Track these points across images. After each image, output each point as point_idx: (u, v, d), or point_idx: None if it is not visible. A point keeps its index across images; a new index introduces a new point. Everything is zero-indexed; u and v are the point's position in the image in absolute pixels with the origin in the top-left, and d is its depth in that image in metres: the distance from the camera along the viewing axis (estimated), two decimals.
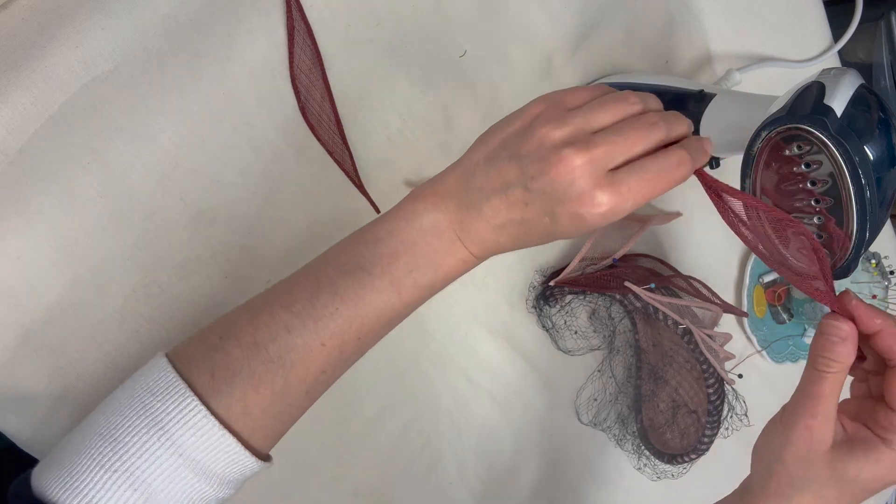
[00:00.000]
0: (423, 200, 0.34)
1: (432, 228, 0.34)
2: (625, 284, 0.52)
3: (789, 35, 0.69)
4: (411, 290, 0.34)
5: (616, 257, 0.56)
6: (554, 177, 0.31)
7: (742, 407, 0.57)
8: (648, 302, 0.52)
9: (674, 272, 0.60)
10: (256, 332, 0.33)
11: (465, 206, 0.33)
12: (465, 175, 0.34)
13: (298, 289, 0.34)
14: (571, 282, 0.54)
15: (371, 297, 0.33)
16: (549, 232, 0.33)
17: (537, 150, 0.32)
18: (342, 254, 0.35)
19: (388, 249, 0.34)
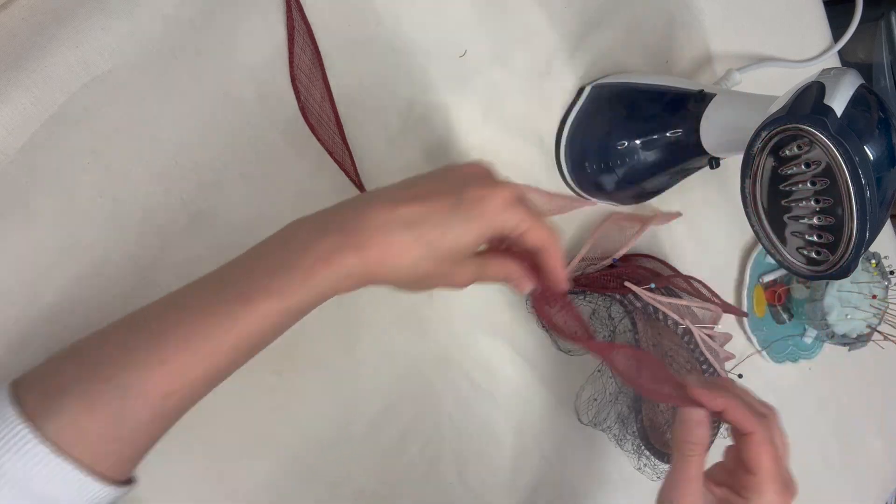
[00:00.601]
0: (308, 217, 0.34)
1: (303, 242, 0.32)
2: (625, 284, 0.52)
3: (789, 35, 0.69)
4: (266, 301, 0.31)
5: (616, 257, 0.56)
6: (463, 172, 0.35)
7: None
8: (648, 302, 0.52)
9: (674, 272, 0.60)
10: (98, 350, 0.31)
11: (354, 207, 0.34)
12: (371, 192, 0.36)
13: (153, 306, 0.32)
14: (573, 281, 0.54)
15: (215, 308, 0.31)
16: (451, 215, 0.33)
17: (462, 178, 0.35)
18: (216, 271, 0.33)
19: (250, 262, 0.32)
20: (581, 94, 0.55)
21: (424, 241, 0.32)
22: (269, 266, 0.32)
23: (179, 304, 0.32)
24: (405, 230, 0.32)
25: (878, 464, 0.87)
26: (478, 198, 0.34)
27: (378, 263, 0.32)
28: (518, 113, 0.53)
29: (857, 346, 0.69)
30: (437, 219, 0.33)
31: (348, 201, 0.35)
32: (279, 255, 0.32)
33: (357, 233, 0.32)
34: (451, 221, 0.33)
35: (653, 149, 0.50)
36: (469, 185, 0.34)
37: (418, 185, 0.35)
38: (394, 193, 0.34)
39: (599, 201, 0.57)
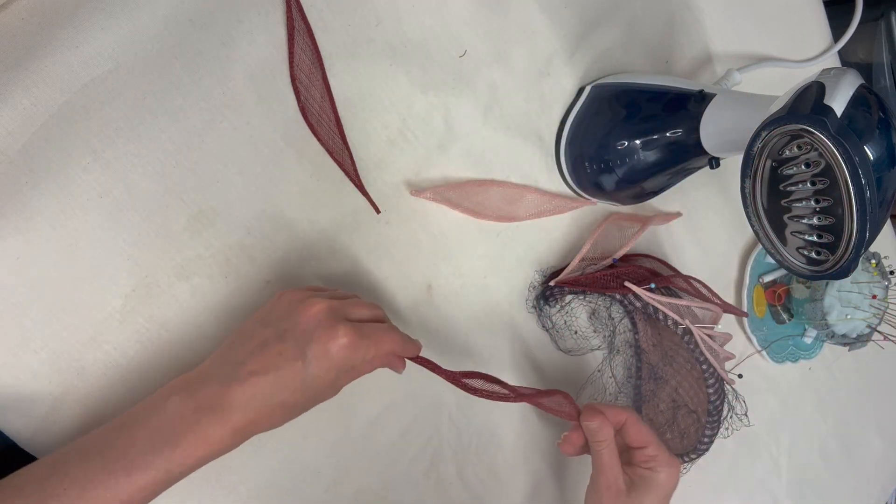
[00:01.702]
0: (172, 388, 0.37)
1: (174, 411, 0.35)
2: (625, 284, 0.52)
3: (789, 35, 0.69)
4: (146, 473, 0.34)
5: (616, 257, 0.56)
6: (303, 321, 0.38)
7: (742, 407, 0.57)
8: (648, 302, 0.52)
9: (674, 272, 0.60)
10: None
11: (215, 381, 0.36)
12: (220, 356, 0.38)
13: (36, 469, 0.34)
14: (571, 282, 0.54)
15: (101, 479, 0.33)
16: (304, 377, 0.37)
17: (289, 309, 0.39)
18: (90, 439, 0.36)
19: (127, 436, 0.35)
20: (581, 94, 0.55)
21: (284, 405, 0.37)
22: (151, 440, 0.35)
23: (62, 472, 0.34)
24: (268, 399, 0.36)
25: (878, 464, 0.87)
26: (322, 353, 0.37)
27: (252, 431, 0.37)
28: (518, 113, 0.53)
29: (857, 346, 0.69)
30: (290, 384, 0.37)
31: (212, 370, 0.37)
32: (160, 431, 0.35)
33: (229, 412, 0.36)
34: (304, 383, 0.37)
35: (653, 149, 0.50)
36: (311, 337, 0.37)
37: (262, 351, 0.37)
38: (246, 362, 0.37)
39: (599, 201, 0.57)
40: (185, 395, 0.36)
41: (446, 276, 0.52)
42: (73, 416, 0.40)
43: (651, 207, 0.61)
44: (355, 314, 0.40)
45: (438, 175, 0.51)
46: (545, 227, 0.56)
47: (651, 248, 0.62)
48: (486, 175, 0.53)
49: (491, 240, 0.54)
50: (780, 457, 0.75)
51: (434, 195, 0.50)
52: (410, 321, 0.51)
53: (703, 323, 0.54)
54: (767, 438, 0.74)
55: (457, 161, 0.51)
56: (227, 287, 0.44)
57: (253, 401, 0.36)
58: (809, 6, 0.71)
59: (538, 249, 0.56)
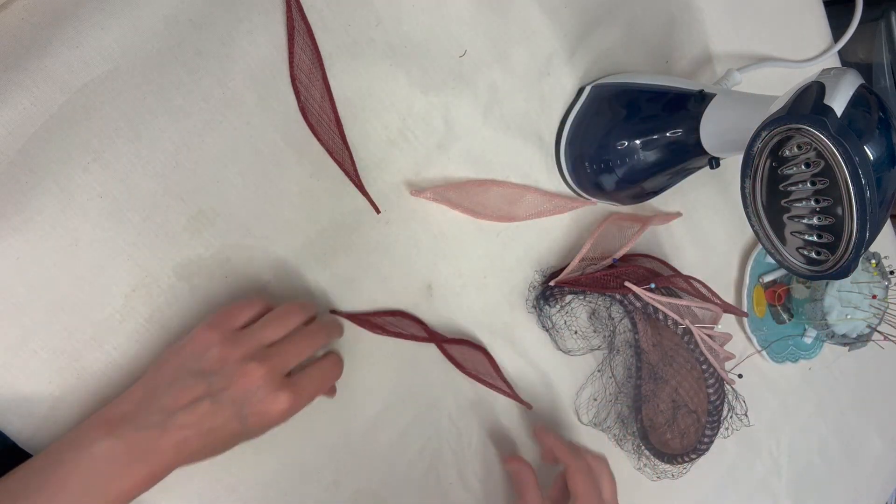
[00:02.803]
0: (98, 429, 0.36)
1: (104, 456, 0.35)
2: (625, 284, 0.52)
3: (789, 35, 0.69)
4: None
5: (616, 257, 0.56)
6: (242, 386, 0.37)
7: (742, 407, 0.57)
8: (648, 302, 0.52)
9: (674, 272, 0.60)
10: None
11: (145, 426, 0.36)
12: (145, 399, 0.37)
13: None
14: (572, 282, 0.54)
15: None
16: (238, 433, 0.38)
17: (222, 368, 0.38)
18: (14, 480, 0.35)
19: (55, 477, 0.34)
20: (581, 94, 0.55)
21: (213, 449, 0.38)
22: (82, 484, 0.34)
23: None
24: (199, 448, 0.37)
25: (878, 464, 0.87)
26: (260, 419, 0.38)
27: (179, 466, 0.37)
28: (518, 113, 0.53)
29: (857, 346, 0.69)
30: (223, 437, 0.37)
31: (139, 414, 0.37)
32: (92, 474, 0.35)
33: (161, 456, 0.36)
34: (239, 438, 0.38)
35: (653, 149, 0.50)
36: (248, 400, 0.38)
37: (197, 406, 0.37)
38: (177, 414, 0.36)
39: (599, 201, 0.57)
40: (114, 439, 0.35)
41: (446, 276, 0.52)
42: (73, 416, 0.40)
43: (651, 207, 0.61)
44: (295, 362, 0.40)
45: (438, 175, 0.51)
46: (545, 227, 0.56)
47: (651, 248, 0.62)
48: (486, 175, 0.53)
49: (491, 240, 0.54)
50: (780, 457, 0.75)
51: (434, 195, 0.50)
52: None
53: (703, 323, 0.54)
54: (767, 438, 0.74)
55: (457, 161, 0.51)
56: (227, 287, 0.44)
57: (185, 448, 0.36)
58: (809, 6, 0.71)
59: (538, 249, 0.56)
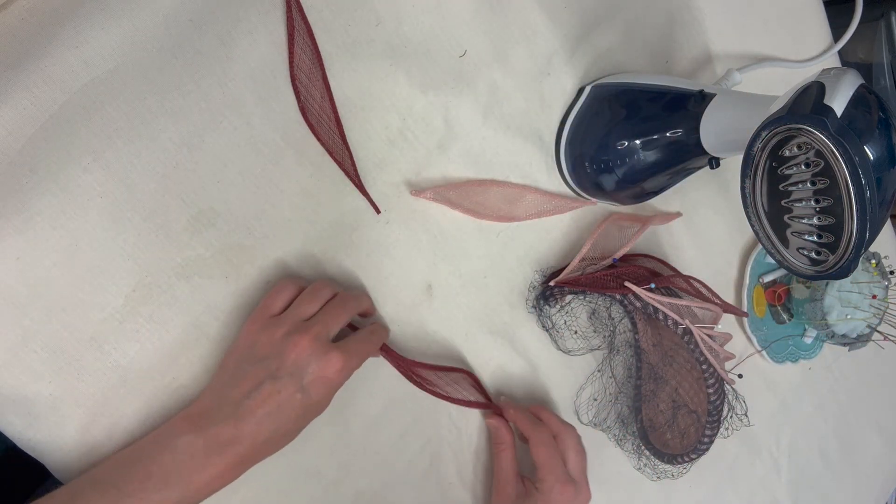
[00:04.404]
0: (179, 425, 0.39)
1: (185, 450, 0.37)
2: (625, 284, 0.52)
3: (789, 35, 0.69)
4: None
5: (616, 257, 0.56)
6: (294, 357, 0.39)
7: (742, 407, 0.57)
8: (648, 302, 0.52)
9: (674, 272, 0.60)
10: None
11: (219, 420, 0.38)
12: (216, 396, 0.40)
13: (54, 500, 0.36)
14: (572, 282, 0.54)
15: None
16: (304, 406, 0.40)
17: (271, 348, 0.40)
18: (102, 471, 0.38)
19: (141, 470, 0.37)
20: (581, 94, 0.55)
21: (288, 432, 0.40)
22: (164, 476, 0.37)
23: (81, 502, 0.36)
24: (272, 431, 0.39)
25: (878, 464, 0.87)
26: (319, 382, 0.40)
27: (256, 460, 0.40)
28: (518, 113, 0.53)
29: (857, 346, 0.69)
30: (292, 413, 0.39)
31: (214, 409, 0.39)
32: (173, 467, 0.37)
33: (237, 446, 0.38)
34: (306, 410, 0.40)
35: (653, 149, 0.50)
36: (304, 369, 0.40)
37: (260, 390, 0.39)
38: (244, 402, 0.39)
39: (599, 201, 0.57)
40: (194, 434, 0.38)
41: (446, 276, 0.52)
42: (73, 416, 0.40)
43: (651, 207, 0.61)
44: (335, 327, 0.42)
45: (438, 175, 0.51)
46: (545, 227, 0.56)
47: (651, 248, 0.62)
48: (486, 175, 0.53)
49: (491, 240, 0.54)
50: (780, 457, 0.75)
51: (434, 195, 0.50)
52: (410, 321, 0.51)
53: (703, 323, 0.54)
54: (767, 438, 0.74)
55: (457, 161, 0.51)
56: (227, 287, 0.44)
57: (259, 434, 0.38)
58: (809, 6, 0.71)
59: (538, 249, 0.56)
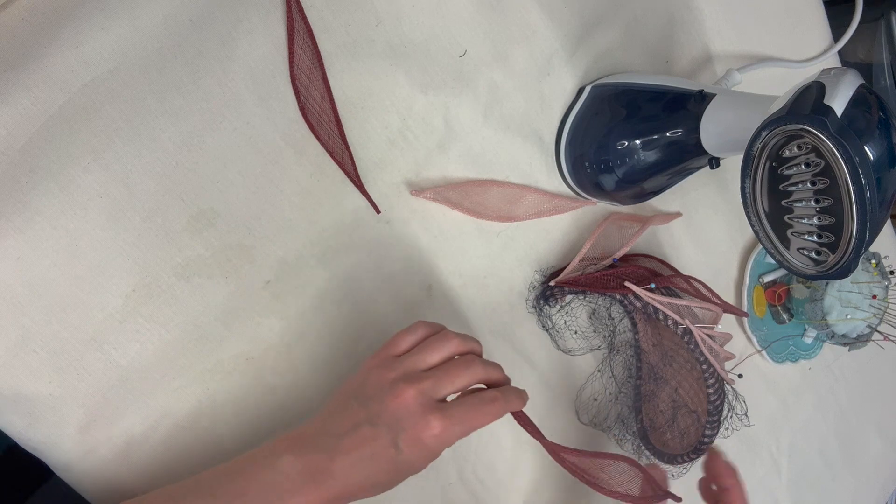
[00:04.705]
0: (283, 444, 0.38)
1: (284, 470, 0.37)
2: (625, 284, 0.52)
3: (789, 35, 0.69)
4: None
5: (616, 257, 0.56)
6: (393, 407, 0.38)
7: (742, 407, 0.57)
8: (648, 302, 0.52)
9: (674, 272, 0.60)
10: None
11: (320, 449, 0.37)
12: (322, 423, 0.39)
13: (155, 499, 0.38)
14: (572, 282, 0.54)
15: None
16: (396, 462, 0.37)
17: (378, 392, 0.38)
18: (205, 479, 0.38)
19: (239, 484, 0.37)
20: (581, 94, 0.55)
21: (378, 484, 0.38)
22: (261, 492, 0.36)
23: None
24: (364, 477, 0.37)
25: (878, 464, 0.87)
26: (413, 443, 0.37)
27: (344, 501, 0.38)
28: (518, 113, 0.53)
29: (857, 346, 0.69)
30: (383, 466, 0.37)
31: (316, 437, 0.38)
32: (271, 486, 0.37)
33: (331, 481, 0.37)
34: (397, 467, 0.38)
35: (653, 149, 0.50)
36: (402, 426, 0.37)
37: (357, 431, 0.38)
38: (343, 439, 0.37)
39: (599, 201, 0.57)
40: (295, 456, 0.37)
41: (446, 276, 0.52)
42: (73, 416, 0.40)
43: (651, 207, 0.61)
44: (448, 388, 0.39)
45: (438, 175, 0.51)
46: (545, 227, 0.56)
47: (651, 247, 0.62)
48: (486, 175, 0.53)
49: (491, 240, 0.54)
50: (780, 457, 0.75)
51: (434, 195, 0.50)
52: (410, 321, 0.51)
53: (703, 323, 0.54)
54: (767, 438, 0.74)
55: (457, 161, 0.51)
56: (227, 287, 0.44)
57: (352, 476, 0.37)
58: (809, 6, 0.71)
59: (538, 249, 0.56)
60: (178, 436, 0.44)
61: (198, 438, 0.44)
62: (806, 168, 0.36)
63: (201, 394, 0.44)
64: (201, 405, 0.44)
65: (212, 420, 0.44)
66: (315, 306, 0.47)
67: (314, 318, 0.47)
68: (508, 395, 0.41)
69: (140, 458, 0.43)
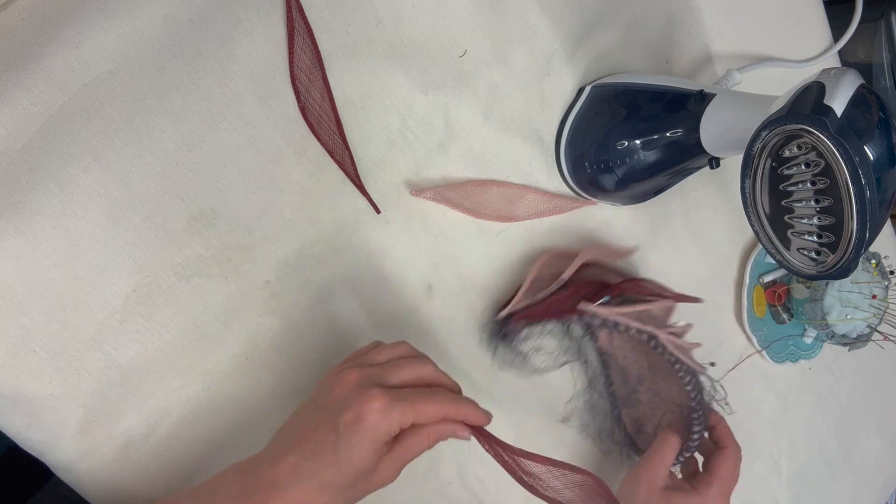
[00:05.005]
0: (232, 465, 0.37)
1: (224, 490, 0.36)
2: (579, 308, 0.51)
3: (789, 35, 0.69)
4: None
5: (561, 280, 0.53)
6: (336, 391, 0.37)
7: (722, 393, 0.56)
8: (608, 318, 0.51)
9: (621, 278, 0.58)
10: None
11: (263, 460, 0.36)
12: (274, 437, 0.38)
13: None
14: (527, 314, 0.52)
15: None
16: (337, 450, 0.35)
17: (324, 386, 0.38)
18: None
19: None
20: (581, 94, 0.55)
21: (325, 485, 0.35)
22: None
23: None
24: (308, 477, 0.35)
25: (878, 464, 0.87)
26: (353, 421, 0.35)
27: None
28: (518, 113, 0.53)
29: (857, 346, 0.69)
30: (325, 459, 0.35)
31: (267, 448, 0.37)
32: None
33: (273, 491, 0.35)
34: (339, 457, 0.35)
35: (653, 149, 0.50)
36: (342, 407, 0.36)
37: (301, 427, 0.37)
38: (287, 441, 0.36)
39: (599, 201, 0.57)
40: (236, 473, 0.36)
41: (446, 276, 0.52)
42: (73, 416, 0.40)
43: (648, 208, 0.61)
44: (395, 378, 0.38)
45: (438, 175, 0.51)
46: (545, 227, 0.56)
47: (650, 247, 0.62)
48: (486, 175, 0.53)
49: (491, 240, 0.54)
50: (780, 457, 0.75)
51: (434, 195, 0.50)
52: (410, 322, 0.51)
53: (659, 319, 0.54)
54: (767, 438, 0.74)
55: (457, 161, 0.51)
56: (227, 287, 0.44)
57: (294, 479, 0.35)
58: (809, 6, 0.71)
59: (538, 250, 0.56)
60: (178, 436, 0.44)
61: (198, 438, 0.44)
62: (806, 168, 0.36)
63: (201, 394, 0.44)
64: (201, 405, 0.44)
65: (212, 420, 0.44)
66: (315, 306, 0.47)
67: (314, 318, 0.47)
68: (463, 400, 0.40)
69: (140, 458, 0.43)
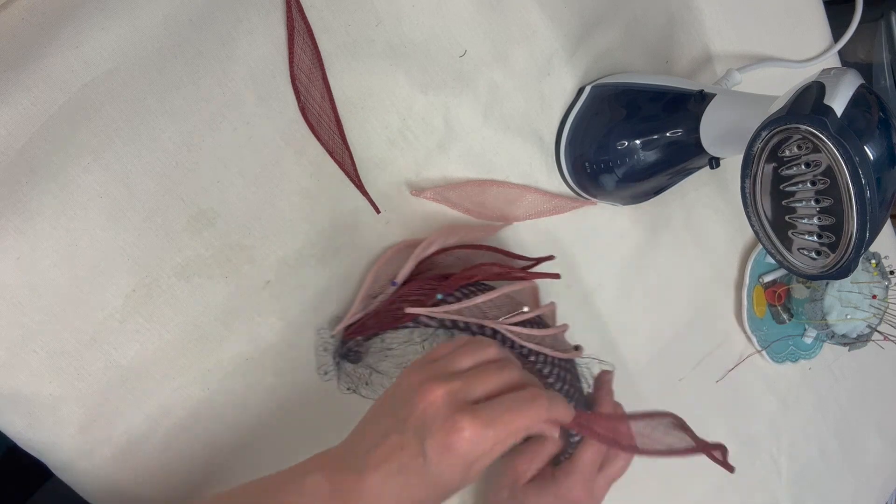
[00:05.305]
0: (311, 463, 0.36)
1: (310, 492, 0.34)
2: (406, 311, 0.45)
3: (789, 35, 0.69)
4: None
5: (397, 281, 0.48)
6: (420, 410, 0.34)
7: (588, 379, 0.51)
8: (443, 318, 0.46)
9: (493, 261, 0.50)
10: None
11: (349, 467, 0.35)
12: (353, 437, 0.37)
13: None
14: (358, 329, 0.47)
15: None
16: (426, 475, 0.34)
17: (407, 395, 0.35)
18: (229, 497, 0.37)
19: (268, 500, 0.35)
20: (581, 94, 0.55)
21: (411, 499, 0.34)
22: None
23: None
24: (395, 495, 0.34)
25: (878, 464, 0.87)
26: (443, 449, 0.34)
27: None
28: (518, 113, 0.53)
29: (857, 346, 0.69)
30: (413, 480, 0.34)
31: (347, 455, 0.36)
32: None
33: (358, 502, 0.34)
34: (428, 480, 0.34)
35: (653, 149, 0.50)
36: (428, 431, 0.34)
37: (385, 440, 0.35)
38: (371, 452, 0.35)
39: (599, 201, 0.57)
40: (323, 477, 0.35)
41: None
42: (73, 416, 0.40)
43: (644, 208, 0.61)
44: (481, 390, 0.36)
45: (438, 175, 0.51)
46: (545, 227, 0.56)
47: (650, 247, 0.62)
48: (486, 175, 0.53)
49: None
50: (780, 457, 0.75)
51: (434, 195, 0.50)
52: None
53: (524, 304, 0.48)
54: (767, 438, 0.74)
55: (457, 161, 0.51)
56: (227, 287, 0.44)
57: (383, 494, 0.34)
58: (809, 6, 0.71)
59: (538, 250, 0.56)
60: (178, 436, 0.44)
61: (198, 438, 0.44)
62: (806, 168, 0.36)
63: (201, 394, 0.44)
64: (201, 405, 0.44)
65: (212, 420, 0.44)
66: (315, 306, 0.47)
67: (314, 318, 0.47)
68: (554, 397, 0.37)
69: (140, 458, 0.43)
